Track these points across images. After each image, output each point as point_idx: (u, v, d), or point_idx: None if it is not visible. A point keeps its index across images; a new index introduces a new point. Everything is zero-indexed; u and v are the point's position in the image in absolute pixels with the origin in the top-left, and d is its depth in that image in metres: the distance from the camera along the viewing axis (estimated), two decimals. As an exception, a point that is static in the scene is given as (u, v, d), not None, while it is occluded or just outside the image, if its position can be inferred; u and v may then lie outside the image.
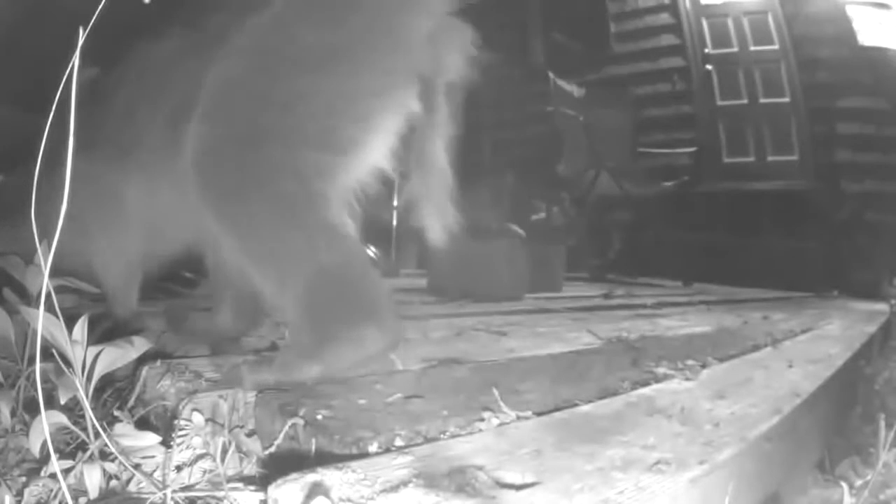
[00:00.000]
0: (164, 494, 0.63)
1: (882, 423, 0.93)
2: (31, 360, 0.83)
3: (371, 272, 0.87)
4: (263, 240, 0.83)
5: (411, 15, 0.87)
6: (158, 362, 0.90)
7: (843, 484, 0.85)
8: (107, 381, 0.89)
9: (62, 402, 0.65)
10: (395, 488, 0.50)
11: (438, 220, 0.91)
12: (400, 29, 0.87)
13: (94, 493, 0.63)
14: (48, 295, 0.56)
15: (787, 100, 4.19)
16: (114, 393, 0.93)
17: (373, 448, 0.63)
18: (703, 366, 1.09)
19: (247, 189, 0.83)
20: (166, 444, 0.71)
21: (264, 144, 0.83)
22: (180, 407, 0.76)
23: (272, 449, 0.69)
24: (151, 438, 0.69)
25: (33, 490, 0.66)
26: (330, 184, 0.85)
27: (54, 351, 0.65)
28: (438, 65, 0.87)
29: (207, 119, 0.85)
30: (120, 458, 0.65)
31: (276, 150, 0.83)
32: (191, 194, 0.85)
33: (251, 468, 0.71)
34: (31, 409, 0.79)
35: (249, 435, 0.75)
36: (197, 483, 0.68)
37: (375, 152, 0.87)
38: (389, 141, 0.88)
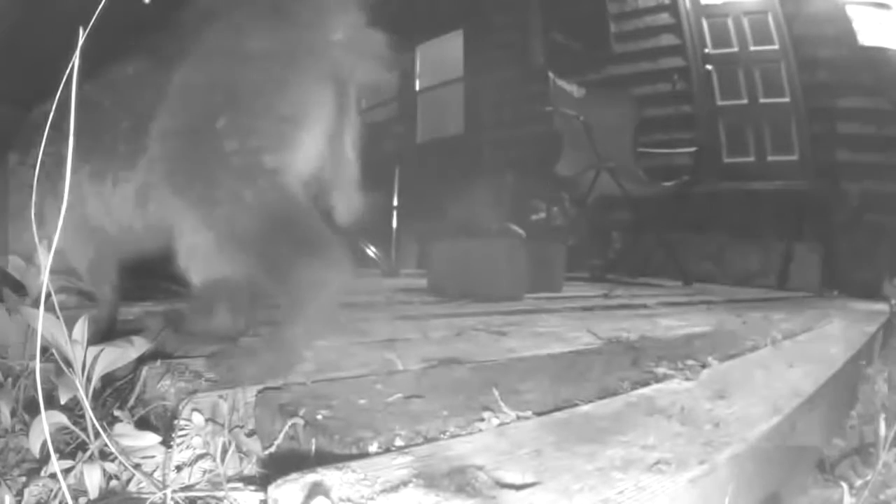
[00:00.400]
0: (164, 494, 0.63)
1: (882, 423, 0.93)
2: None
3: (315, 220, 0.96)
4: (220, 205, 0.93)
5: (325, 27, 1.00)
6: (158, 362, 0.90)
7: (843, 484, 0.85)
8: (107, 381, 0.89)
9: (62, 402, 0.65)
10: (395, 488, 0.50)
11: (343, 204, 1.05)
12: (315, 38, 1.00)
13: (94, 493, 0.63)
14: (48, 295, 0.56)
15: (787, 100, 4.18)
16: (114, 393, 0.93)
17: (373, 448, 0.63)
18: (703, 366, 1.09)
19: (203, 162, 0.94)
20: (166, 444, 0.71)
21: (217, 123, 0.94)
22: (180, 407, 0.76)
23: (272, 449, 0.69)
24: (151, 438, 0.69)
25: (33, 490, 0.66)
26: (272, 150, 0.96)
27: (54, 351, 0.65)
28: (350, 70, 1.01)
29: (169, 113, 0.97)
30: (120, 458, 0.65)
31: (227, 126, 0.94)
32: (156, 182, 0.97)
33: (251, 468, 0.71)
34: (31, 409, 0.79)
35: (249, 435, 0.75)
36: (197, 483, 0.68)
37: (307, 131, 0.99)
38: (318, 125, 1.00)
